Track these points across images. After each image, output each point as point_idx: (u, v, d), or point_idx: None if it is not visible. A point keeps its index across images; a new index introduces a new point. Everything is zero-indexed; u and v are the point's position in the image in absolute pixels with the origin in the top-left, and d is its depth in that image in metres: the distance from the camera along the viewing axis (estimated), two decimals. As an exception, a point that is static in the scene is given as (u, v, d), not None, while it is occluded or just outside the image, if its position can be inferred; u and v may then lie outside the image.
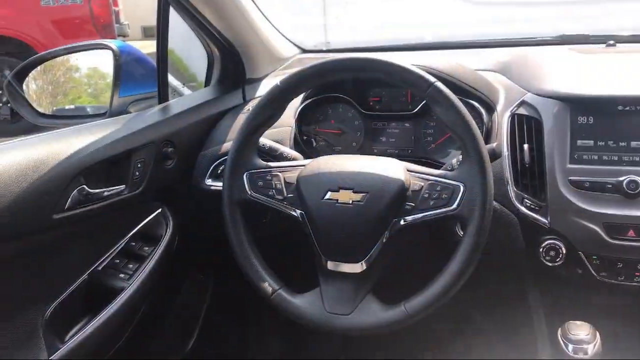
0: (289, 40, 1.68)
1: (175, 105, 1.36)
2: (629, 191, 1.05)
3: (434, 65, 1.18)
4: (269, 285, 1.05)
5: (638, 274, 1.07)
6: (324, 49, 1.80)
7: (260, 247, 1.09)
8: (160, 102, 1.35)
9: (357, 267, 1.01)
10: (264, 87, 1.51)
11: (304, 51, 1.76)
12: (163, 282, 1.28)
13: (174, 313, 1.54)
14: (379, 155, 1.10)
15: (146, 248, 1.23)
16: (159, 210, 1.29)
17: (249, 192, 1.08)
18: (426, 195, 0.99)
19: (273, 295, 1.05)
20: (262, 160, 1.12)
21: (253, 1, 1.46)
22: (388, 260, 1.04)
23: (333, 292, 1.03)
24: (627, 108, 1.10)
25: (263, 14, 1.53)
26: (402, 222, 1.00)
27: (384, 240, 1.00)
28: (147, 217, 1.26)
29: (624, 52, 1.39)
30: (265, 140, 1.23)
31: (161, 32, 1.34)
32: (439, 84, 0.98)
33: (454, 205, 0.96)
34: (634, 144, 1.09)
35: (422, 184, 1.00)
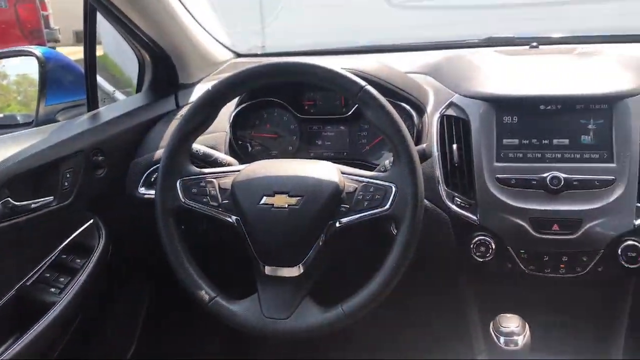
0: (222, 44, 1.67)
1: (105, 112, 1.33)
2: (552, 187, 1.10)
3: (365, 69, 1.20)
4: (205, 293, 1.04)
5: (563, 265, 1.12)
6: (259, 52, 1.79)
7: (197, 254, 1.07)
8: (89, 110, 1.32)
9: (294, 271, 1.02)
10: (198, 93, 1.50)
11: (239, 55, 1.75)
12: (98, 293, 1.24)
13: (112, 322, 1.50)
14: (316, 159, 1.11)
15: (78, 260, 1.20)
16: (91, 220, 1.25)
17: (183, 200, 1.07)
18: (360, 197, 1.00)
19: (210, 303, 1.04)
20: (196, 166, 1.11)
21: (183, 5, 1.44)
22: (325, 262, 1.05)
23: (271, 297, 1.03)
24: (549, 107, 1.15)
25: (194, 18, 1.51)
26: (337, 224, 1.01)
27: (321, 243, 1.01)
28: (78, 229, 1.23)
29: (546, 53, 1.45)
30: (199, 146, 1.22)
31: (88, 38, 1.31)
32: (369, 88, 1.00)
33: (387, 206, 0.98)
34: (555, 141, 1.15)
35: (356, 185, 1.01)
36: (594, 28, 1.63)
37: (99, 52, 1.39)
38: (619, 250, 1.08)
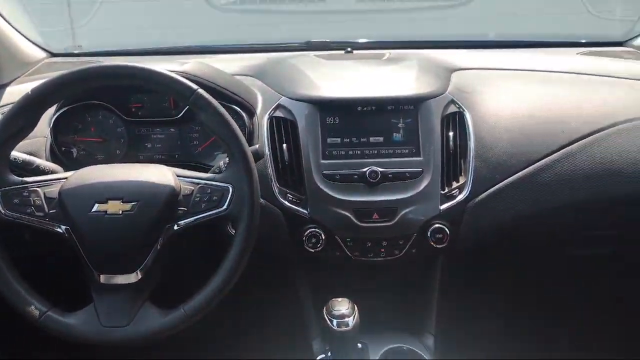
0: (34, 43, 1.56)
1: None
2: (371, 180, 1.22)
3: (195, 72, 1.21)
4: (35, 308, 0.99)
5: (383, 250, 1.25)
6: (76, 52, 1.70)
7: (25, 267, 1.01)
8: None
9: (132, 277, 1.01)
10: (10, 95, 1.38)
11: (53, 55, 1.65)
12: None
13: None
14: (145, 163, 1.10)
15: None
16: None
17: (3, 212, 1.00)
18: (197, 199, 1.02)
19: (41, 318, 0.99)
20: (17, 175, 1.04)
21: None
22: (164, 266, 1.05)
23: (108, 306, 1.00)
24: (365, 108, 1.27)
25: (0, 15, 1.39)
26: (175, 227, 1.02)
27: (159, 247, 1.01)
28: None
29: (360, 58, 1.59)
30: (17, 154, 1.13)
31: None
32: (201, 91, 1.02)
33: (225, 206, 1.02)
34: (372, 139, 1.27)
35: (193, 188, 1.03)
36: (400, 35, 1.81)
37: None
38: (429, 233, 1.23)
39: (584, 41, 1.76)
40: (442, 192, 1.24)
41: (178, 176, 1.04)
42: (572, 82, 1.45)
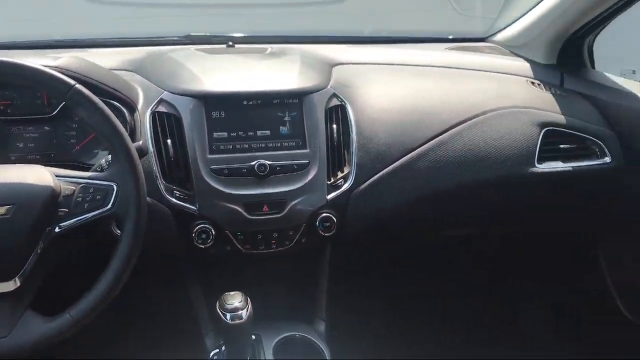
0: None
1: None
2: (260, 173, 1.23)
3: (70, 67, 1.15)
4: None
5: (274, 241, 1.27)
6: None
7: None
8: None
9: (10, 285, 0.95)
10: None
11: None
12: None
13: None
14: (18, 163, 1.04)
15: None
16: None
17: None
18: (80, 199, 0.98)
19: None
20: None
21: None
22: (46, 271, 1.00)
23: None
24: (251, 102, 1.28)
25: None
26: (57, 230, 0.97)
27: (39, 252, 0.96)
28: None
29: (242, 52, 1.59)
30: None
31: None
32: (80, 87, 0.98)
33: (109, 205, 0.98)
34: (259, 132, 1.28)
35: (74, 187, 0.98)
36: (281, 30, 1.83)
37: None
38: (317, 222, 1.27)
39: (450, 37, 1.88)
40: (329, 183, 1.29)
41: (57, 176, 0.99)
42: (441, 76, 1.55)
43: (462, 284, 1.80)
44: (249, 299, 1.19)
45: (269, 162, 1.24)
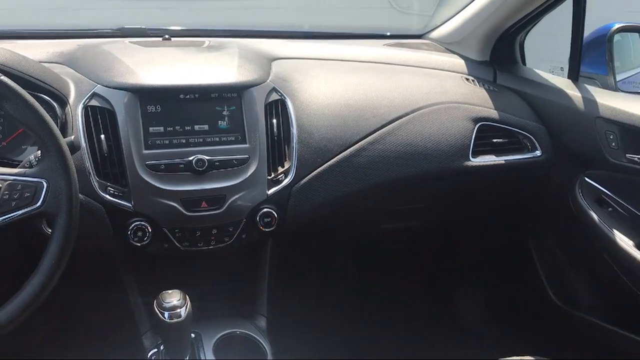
0: None
1: None
2: (198, 168, 1.20)
3: None
4: None
5: (213, 238, 1.25)
6: None
7: None
8: None
9: None
10: None
11: None
12: None
13: None
14: None
15: None
16: None
17: None
18: (6, 197, 0.93)
19: None
20: None
21: None
22: None
23: None
24: (188, 96, 1.25)
25: None
26: None
27: None
28: None
29: (179, 45, 1.55)
30: None
31: None
32: (6, 79, 0.93)
33: (39, 203, 0.94)
34: (197, 127, 1.25)
35: (0, 185, 0.94)
36: (219, 23, 1.81)
37: None
38: (258, 218, 1.26)
39: (388, 34, 1.91)
40: (269, 178, 1.28)
41: None
42: (380, 71, 1.57)
43: (402, 277, 1.84)
44: (187, 297, 1.17)
45: (207, 157, 1.22)
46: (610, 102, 1.43)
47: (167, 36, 1.58)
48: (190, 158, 1.21)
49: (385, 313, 1.84)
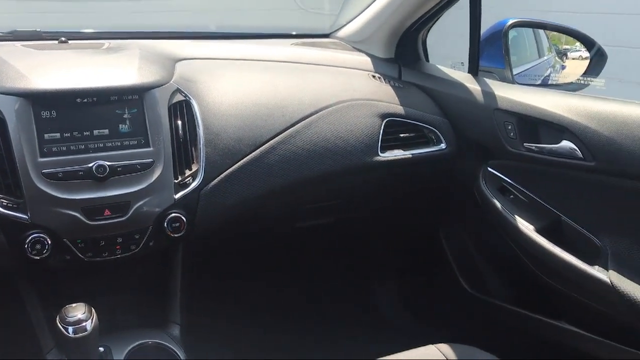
0: None
1: None
2: (99, 175, 1.15)
3: None
4: None
5: (119, 247, 1.20)
6: None
7: None
8: None
9: None
10: None
11: None
12: None
13: None
14: None
15: None
16: None
17: None
18: None
19: None
20: None
21: None
22: None
23: None
24: (86, 100, 1.19)
25: None
26: None
27: None
28: None
29: (77, 48, 1.49)
30: None
31: None
32: None
33: None
34: (96, 132, 1.20)
35: None
36: (121, 25, 1.74)
37: None
38: (165, 223, 1.22)
39: (296, 33, 1.91)
40: (176, 181, 1.24)
41: None
42: (288, 70, 1.57)
43: (318, 274, 1.84)
44: (93, 310, 1.11)
45: (108, 163, 1.17)
46: (508, 94, 1.50)
47: (63, 39, 1.50)
48: (90, 164, 1.16)
49: (304, 311, 1.84)
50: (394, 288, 2.01)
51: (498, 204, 1.49)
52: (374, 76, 1.64)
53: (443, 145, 1.58)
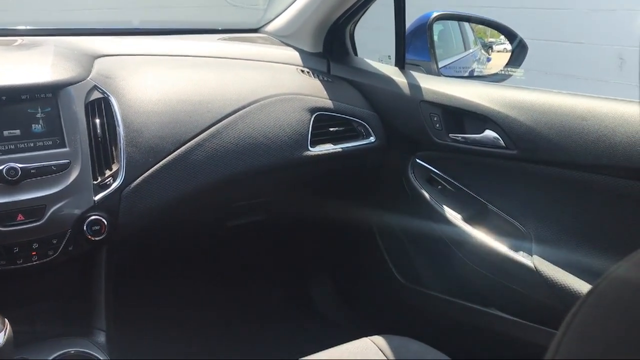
0: None
1: None
2: (10, 178, 1.09)
3: None
4: None
5: (35, 253, 1.14)
6: None
7: None
8: None
9: None
10: None
11: None
12: None
13: None
14: None
15: None
16: None
17: None
18: None
19: None
20: None
21: None
22: None
23: None
24: None
25: None
26: None
27: None
28: None
29: None
30: None
31: None
32: None
33: None
34: (7, 133, 1.14)
35: None
36: (36, 22, 1.66)
37: None
38: (85, 227, 1.17)
39: (222, 28, 1.88)
40: (95, 182, 1.19)
41: None
42: (214, 66, 1.53)
43: (252, 272, 1.82)
44: (6, 321, 1.05)
45: (20, 165, 1.11)
46: (433, 86, 1.52)
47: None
48: (1, 167, 1.09)
49: (236, 311, 1.82)
50: (328, 283, 2.01)
51: (426, 195, 1.51)
52: (302, 70, 1.63)
53: (372, 139, 1.58)
